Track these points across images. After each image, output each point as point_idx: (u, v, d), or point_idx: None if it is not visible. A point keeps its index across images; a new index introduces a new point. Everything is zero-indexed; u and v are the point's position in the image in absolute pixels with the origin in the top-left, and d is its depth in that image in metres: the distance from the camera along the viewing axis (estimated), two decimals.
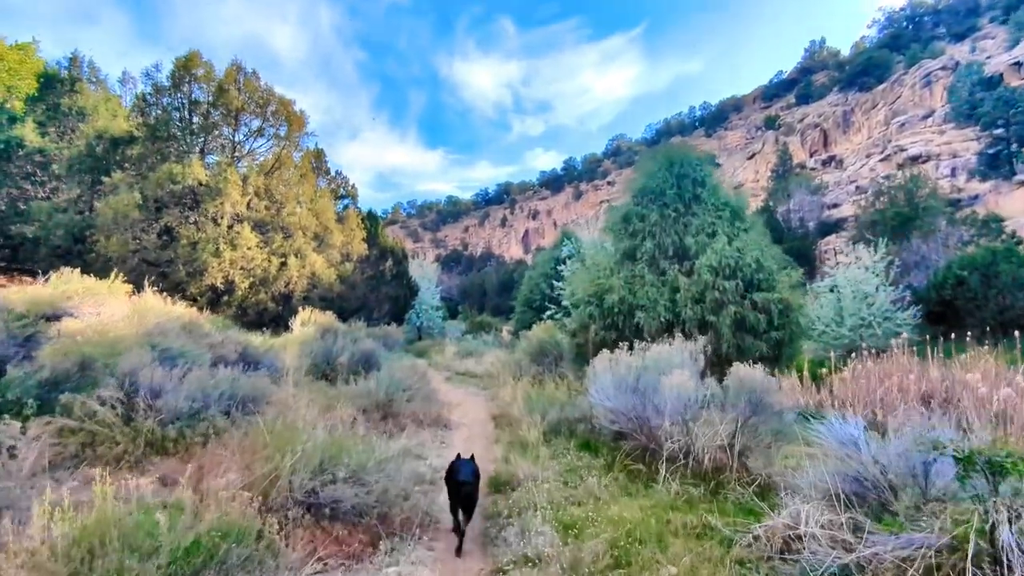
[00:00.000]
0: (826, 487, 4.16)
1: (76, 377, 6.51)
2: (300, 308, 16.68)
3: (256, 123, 21.15)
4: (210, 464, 4.52)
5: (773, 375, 9.17)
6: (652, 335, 10.04)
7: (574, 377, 11.83)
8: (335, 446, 4.66)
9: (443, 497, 5.52)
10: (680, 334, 9.94)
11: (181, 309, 11.65)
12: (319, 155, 25.71)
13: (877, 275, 18.78)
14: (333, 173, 26.92)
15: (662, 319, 9.96)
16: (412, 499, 4.94)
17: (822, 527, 3.74)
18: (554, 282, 23.27)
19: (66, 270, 11.90)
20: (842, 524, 3.69)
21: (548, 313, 22.27)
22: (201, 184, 18.02)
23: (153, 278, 17.49)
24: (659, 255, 10.77)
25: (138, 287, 17.00)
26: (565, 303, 22.86)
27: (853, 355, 10.61)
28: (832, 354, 12.26)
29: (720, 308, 9.88)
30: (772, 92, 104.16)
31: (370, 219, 27.07)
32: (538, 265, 26.12)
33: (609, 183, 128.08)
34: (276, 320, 18.96)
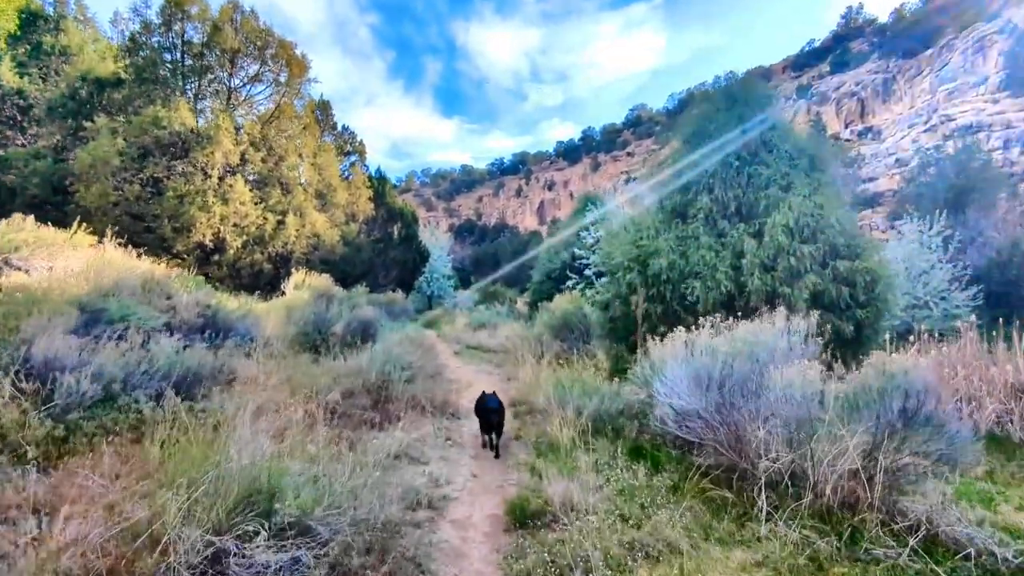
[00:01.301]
0: None
1: None
2: (298, 270, 15.01)
3: (254, 67, 19.23)
4: (71, 495, 2.82)
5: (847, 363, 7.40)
6: (708, 309, 8.20)
7: (606, 357, 10.07)
8: (274, 470, 2.93)
9: (441, 535, 3.82)
10: (744, 308, 8.12)
11: (147, 265, 9.99)
12: (325, 107, 23.73)
13: (933, 251, 16.73)
14: (340, 128, 24.95)
15: (722, 289, 8.09)
16: (397, 544, 3.23)
17: None
18: (575, 250, 21.39)
19: (18, 217, 10.32)
20: None
21: (569, 283, 20.50)
22: (190, 131, 16.23)
23: (136, 232, 15.93)
24: (717, 212, 8.84)
25: (122, 242, 15.42)
26: (589, 272, 21.05)
27: (911, 338, 8.78)
28: (886, 336, 10.31)
29: (795, 278, 7.98)
30: (803, 61, 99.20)
31: (379, 179, 25.13)
32: (558, 232, 24.18)
33: (629, 154, 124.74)
34: (273, 283, 17.35)
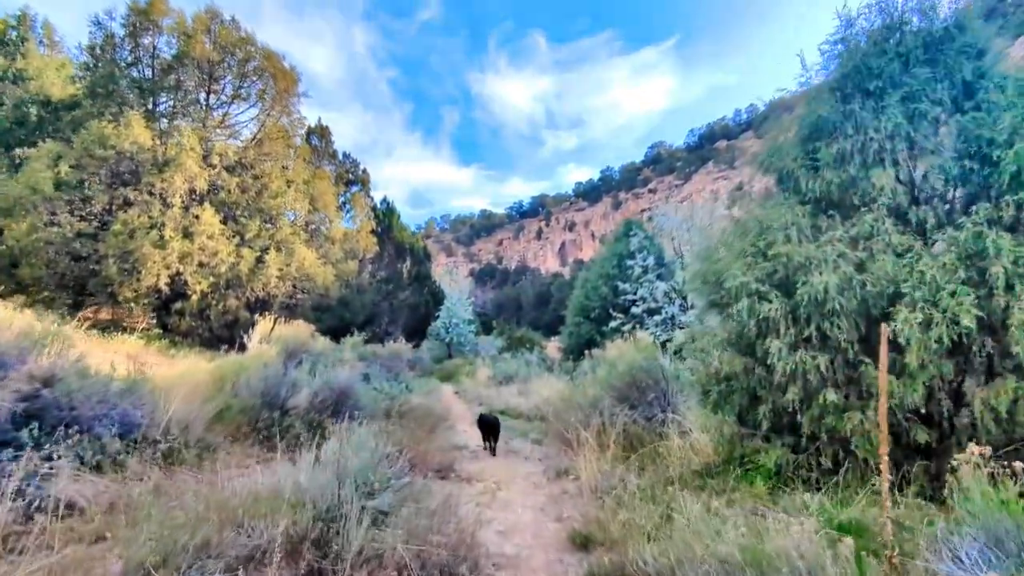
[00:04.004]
0: None
1: None
2: (266, 316, 11.67)
3: (234, 83, 16.51)
4: None
5: None
6: (923, 360, 4.50)
7: (711, 437, 6.32)
8: None
9: None
10: (994, 363, 4.40)
11: (6, 313, 6.70)
12: (323, 132, 20.93)
13: None
14: (341, 156, 22.09)
15: (961, 326, 4.36)
16: None
17: None
18: (619, 283, 17.80)
19: None
20: None
21: (613, 324, 16.83)
22: (146, 151, 13.31)
23: (80, 277, 12.83)
24: (905, 194, 5.25)
25: (54, 290, 12.23)
26: (637, 310, 17.36)
27: None
28: None
29: None
30: None
31: (385, 210, 22.00)
32: (595, 265, 20.67)
33: (650, 191, 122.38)
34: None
